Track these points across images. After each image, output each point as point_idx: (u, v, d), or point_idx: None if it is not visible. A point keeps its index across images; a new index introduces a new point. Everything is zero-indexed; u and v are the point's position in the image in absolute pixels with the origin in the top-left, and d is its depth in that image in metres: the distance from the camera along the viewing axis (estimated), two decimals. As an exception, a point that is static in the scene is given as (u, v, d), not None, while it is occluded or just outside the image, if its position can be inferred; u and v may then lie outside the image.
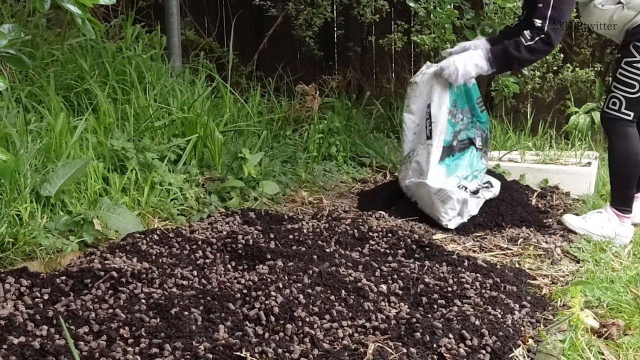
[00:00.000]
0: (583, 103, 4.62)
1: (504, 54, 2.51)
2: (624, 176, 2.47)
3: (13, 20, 2.97)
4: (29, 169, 2.12)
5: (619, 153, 2.45)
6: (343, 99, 4.39)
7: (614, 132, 2.45)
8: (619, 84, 2.39)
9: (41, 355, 1.25)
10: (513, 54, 2.48)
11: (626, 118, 2.39)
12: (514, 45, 2.47)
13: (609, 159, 2.50)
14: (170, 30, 3.71)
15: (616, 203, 2.49)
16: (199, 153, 2.86)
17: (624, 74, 2.37)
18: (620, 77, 2.38)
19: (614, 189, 2.52)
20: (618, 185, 2.50)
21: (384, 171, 3.69)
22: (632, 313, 1.70)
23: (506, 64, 2.59)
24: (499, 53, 2.52)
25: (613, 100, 2.41)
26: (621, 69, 2.38)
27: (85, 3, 1.54)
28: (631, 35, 2.36)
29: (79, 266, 1.74)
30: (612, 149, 2.47)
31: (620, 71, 2.38)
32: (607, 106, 2.44)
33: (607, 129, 2.50)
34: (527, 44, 2.44)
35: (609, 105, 2.43)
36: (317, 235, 2.18)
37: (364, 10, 4.81)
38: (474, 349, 1.39)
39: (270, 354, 1.28)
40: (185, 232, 2.10)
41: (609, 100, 2.43)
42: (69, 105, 2.82)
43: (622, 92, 2.38)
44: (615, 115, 2.41)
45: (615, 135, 2.44)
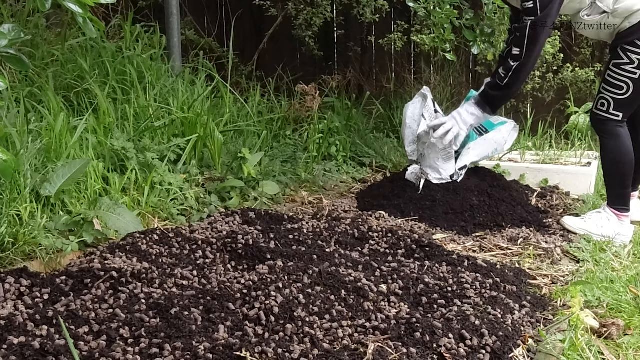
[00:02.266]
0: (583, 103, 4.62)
1: (490, 98, 2.58)
2: (617, 176, 2.48)
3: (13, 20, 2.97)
4: (29, 169, 2.12)
5: (611, 154, 2.46)
6: (343, 99, 4.39)
7: (604, 133, 2.46)
8: (607, 86, 2.41)
9: (41, 355, 1.25)
10: (496, 95, 2.56)
11: (615, 119, 2.41)
12: (495, 87, 2.55)
13: (602, 159, 2.52)
14: (170, 30, 3.71)
15: (613, 203, 2.49)
16: (199, 153, 2.86)
17: (612, 75, 2.38)
18: (608, 79, 2.40)
19: (609, 189, 2.53)
20: (613, 185, 2.51)
21: (384, 171, 3.69)
22: (632, 313, 1.70)
23: (496, 104, 2.64)
24: (485, 99, 2.60)
25: (601, 101, 2.43)
26: (610, 70, 2.40)
27: (86, 2, 1.54)
28: (620, 39, 2.38)
29: (79, 266, 1.74)
30: (604, 150, 2.48)
31: (609, 73, 2.40)
32: (596, 107, 2.46)
33: (597, 130, 2.51)
34: (504, 82, 2.49)
35: (598, 106, 2.45)
36: (317, 235, 2.18)
37: (364, 10, 4.80)
38: (474, 349, 1.39)
39: (270, 354, 1.28)
40: (185, 232, 2.10)
41: (597, 102, 2.45)
42: (69, 105, 2.82)
43: (611, 94, 2.40)
44: (604, 116, 2.42)
45: (606, 136, 2.45)
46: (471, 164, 2.90)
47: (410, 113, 2.89)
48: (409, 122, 2.88)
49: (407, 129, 2.88)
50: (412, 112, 2.89)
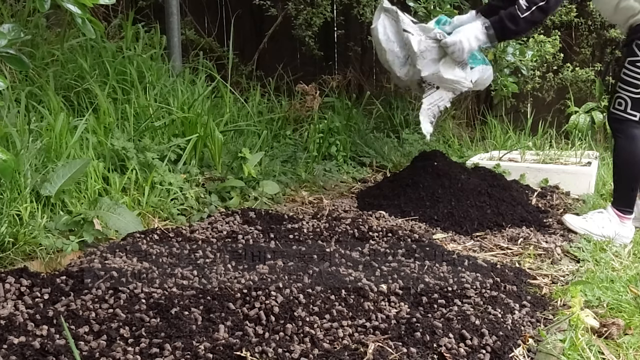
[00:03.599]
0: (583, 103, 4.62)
1: (501, 27, 2.50)
2: (627, 177, 2.46)
3: (13, 20, 2.97)
4: (29, 168, 2.12)
5: (624, 154, 2.43)
6: (343, 99, 4.39)
7: (620, 132, 2.43)
8: (623, 84, 2.37)
9: (41, 355, 1.25)
10: (509, 27, 2.47)
11: (632, 119, 2.37)
12: (509, 18, 2.46)
13: (614, 159, 2.48)
14: (170, 30, 3.71)
15: (618, 203, 2.48)
16: (199, 153, 2.86)
17: (627, 73, 2.35)
18: (624, 77, 2.36)
19: (617, 189, 2.51)
20: (621, 186, 2.49)
21: (384, 171, 3.69)
22: (632, 313, 1.70)
23: (503, 36, 2.60)
24: (497, 26, 2.51)
25: (618, 100, 2.39)
26: (625, 68, 2.36)
27: (85, 3, 1.54)
28: (634, 33, 2.34)
29: (79, 266, 1.74)
30: (618, 150, 2.45)
31: (624, 71, 2.36)
32: (613, 106, 2.42)
33: (613, 129, 2.48)
34: (524, 15, 2.41)
35: (615, 105, 2.41)
36: (317, 235, 2.18)
37: (364, 10, 4.80)
38: (474, 348, 1.39)
39: (271, 354, 1.28)
40: (185, 232, 2.10)
41: (614, 101, 2.41)
42: (69, 105, 2.82)
43: (627, 92, 2.36)
44: (622, 116, 2.39)
45: (622, 136, 2.42)
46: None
47: (383, 36, 2.70)
48: (386, 46, 2.69)
49: (388, 54, 2.68)
50: (384, 34, 2.70)
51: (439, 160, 2.97)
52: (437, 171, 2.86)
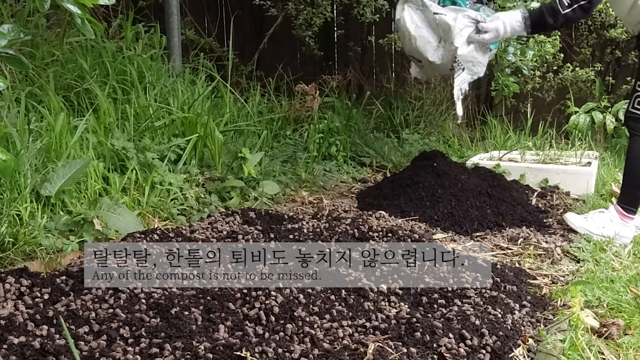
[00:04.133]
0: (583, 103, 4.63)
1: (540, 20, 2.48)
2: (637, 177, 2.44)
3: (13, 20, 2.97)
4: (29, 168, 2.12)
5: (638, 154, 2.41)
6: (343, 99, 4.39)
7: (637, 131, 2.40)
8: None
9: (41, 355, 1.25)
10: (548, 21, 2.45)
11: None
12: (550, 12, 2.43)
13: (627, 157, 2.46)
14: (170, 30, 3.71)
15: (623, 201, 2.47)
16: (199, 153, 2.86)
17: None
18: None
19: (625, 187, 2.49)
20: (630, 185, 2.47)
21: (384, 171, 3.69)
22: (632, 313, 1.70)
23: (539, 30, 2.60)
24: (536, 18, 2.49)
25: (638, 99, 2.36)
26: None
27: (85, 3, 1.54)
28: None
29: (79, 266, 1.74)
30: (632, 149, 2.43)
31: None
32: (633, 106, 2.39)
33: (630, 128, 2.45)
34: (565, 12, 2.39)
35: (634, 105, 2.38)
36: (317, 235, 2.18)
37: (364, 10, 4.81)
38: (474, 348, 1.39)
39: (271, 354, 1.28)
40: (185, 232, 2.10)
41: (633, 100, 2.38)
42: (69, 105, 2.82)
43: None
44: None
45: (638, 135, 2.40)
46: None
47: (410, 24, 2.67)
48: (415, 33, 2.66)
49: (418, 41, 2.66)
50: (412, 22, 2.68)
51: (439, 161, 2.97)
52: (437, 171, 2.86)
